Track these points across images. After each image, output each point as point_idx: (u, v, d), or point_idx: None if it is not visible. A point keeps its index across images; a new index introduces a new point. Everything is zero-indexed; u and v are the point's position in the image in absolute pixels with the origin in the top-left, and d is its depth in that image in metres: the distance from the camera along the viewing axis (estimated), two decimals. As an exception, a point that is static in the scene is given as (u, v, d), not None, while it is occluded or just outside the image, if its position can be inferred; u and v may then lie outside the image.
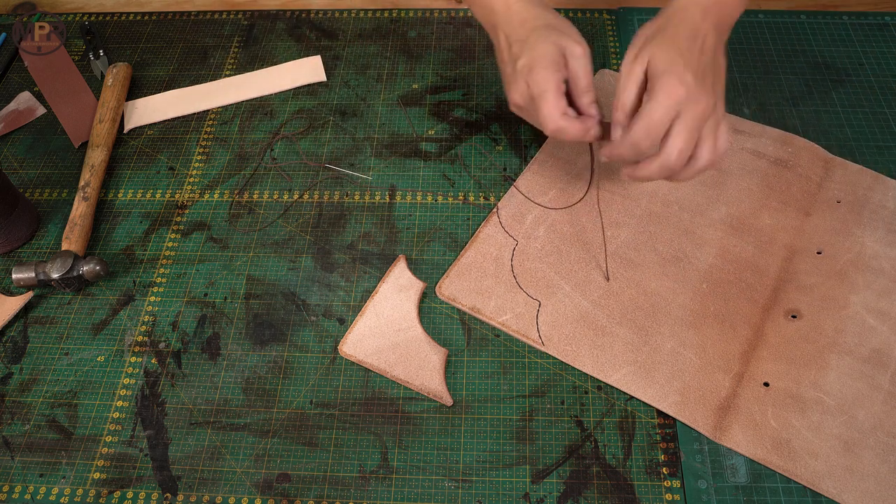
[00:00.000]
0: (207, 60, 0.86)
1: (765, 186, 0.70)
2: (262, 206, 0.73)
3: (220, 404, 0.60)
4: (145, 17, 0.92)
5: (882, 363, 0.59)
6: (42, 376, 0.63)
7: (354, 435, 0.58)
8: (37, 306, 0.67)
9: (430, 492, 0.55)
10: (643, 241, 0.67)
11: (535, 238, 0.68)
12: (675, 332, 0.61)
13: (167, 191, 0.75)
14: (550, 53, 0.57)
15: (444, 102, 0.80)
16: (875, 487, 0.53)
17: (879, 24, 0.86)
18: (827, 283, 0.63)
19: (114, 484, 0.57)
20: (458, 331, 0.63)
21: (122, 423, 0.60)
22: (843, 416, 0.57)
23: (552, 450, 0.57)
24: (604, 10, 0.89)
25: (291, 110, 0.81)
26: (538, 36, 0.58)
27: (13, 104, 0.83)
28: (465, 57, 0.85)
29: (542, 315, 0.63)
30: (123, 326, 0.65)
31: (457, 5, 0.90)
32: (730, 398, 0.58)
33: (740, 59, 0.83)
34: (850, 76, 0.81)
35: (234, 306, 0.66)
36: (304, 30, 0.89)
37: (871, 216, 0.68)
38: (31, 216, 0.71)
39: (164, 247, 0.70)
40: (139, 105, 0.82)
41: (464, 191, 0.73)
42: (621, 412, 0.59)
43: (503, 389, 0.60)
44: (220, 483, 0.56)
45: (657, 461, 0.56)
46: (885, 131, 0.75)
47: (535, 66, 0.57)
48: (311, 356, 0.62)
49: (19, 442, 0.59)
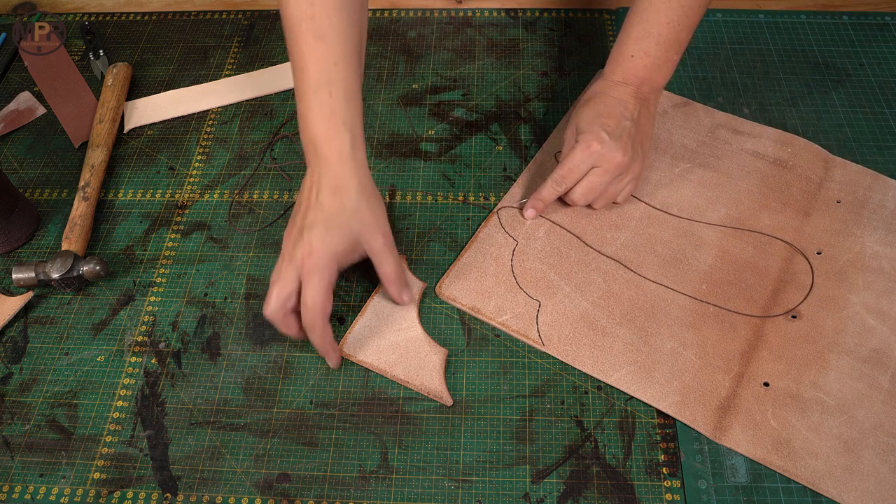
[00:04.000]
0: (207, 60, 0.86)
1: (764, 187, 0.70)
2: (262, 206, 0.73)
3: (220, 404, 0.60)
4: (145, 17, 0.92)
5: (882, 363, 0.59)
6: (42, 376, 0.63)
7: (354, 435, 0.58)
8: (37, 306, 0.67)
9: (430, 492, 0.55)
10: (642, 243, 0.67)
11: (535, 238, 0.68)
12: (675, 333, 0.61)
13: (167, 191, 0.75)
14: (340, 246, 0.56)
15: (444, 102, 0.80)
16: (875, 487, 0.53)
17: (879, 24, 0.86)
18: (827, 284, 0.64)
19: (114, 484, 0.57)
20: (458, 331, 0.63)
21: (122, 423, 0.60)
22: (843, 416, 0.57)
23: (552, 450, 0.57)
24: (604, 11, 0.89)
25: (291, 110, 0.81)
26: (338, 221, 0.56)
27: (13, 104, 0.83)
28: (465, 57, 0.85)
29: (542, 315, 0.63)
30: (123, 326, 0.65)
31: (457, 5, 0.90)
32: (730, 398, 0.58)
33: (740, 59, 0.83)
34: (850, 76, 0.81)
35: (234, 306, 0.66)
36: (304, 30, 0.89)
37: (870, 216, 0.68)
38: (31, 216, 0.71)
39: (164, 247, 0.70)
40: (139, 105, 0.82)
41: (464, 191, 0.73)
42: (621, 412, 0.59)
43: (503, 389, 0.60)
44: (220, 483, 0.56)
45: (657, 461, 0.56)
46: (885, 131, 0.75)
47: (319, 255, 0.55)
48: (311, 356, 0.62)
49: (19, 442, 0.59)
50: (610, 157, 0.63)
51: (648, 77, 0.66)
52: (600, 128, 0.63)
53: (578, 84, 0.81)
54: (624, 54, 0.66)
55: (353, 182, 0.56)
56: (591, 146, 0.63)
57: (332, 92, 0.56)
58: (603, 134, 0.63)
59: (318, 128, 0.56)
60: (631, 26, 0.66)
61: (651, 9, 0.65)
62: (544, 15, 0.89)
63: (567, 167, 0.64)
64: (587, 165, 0.64)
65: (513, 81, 0.82)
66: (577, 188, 0.65)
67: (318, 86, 0.56)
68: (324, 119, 0.56)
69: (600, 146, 0.62)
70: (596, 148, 0.63)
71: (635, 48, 0.66)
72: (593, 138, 0.63)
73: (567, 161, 0.64)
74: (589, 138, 0.63)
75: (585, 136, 0.63)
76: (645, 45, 0.65)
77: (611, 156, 0.63)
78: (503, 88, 0.81)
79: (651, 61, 0.65)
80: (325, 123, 0.56)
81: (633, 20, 0.66)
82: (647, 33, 0.65)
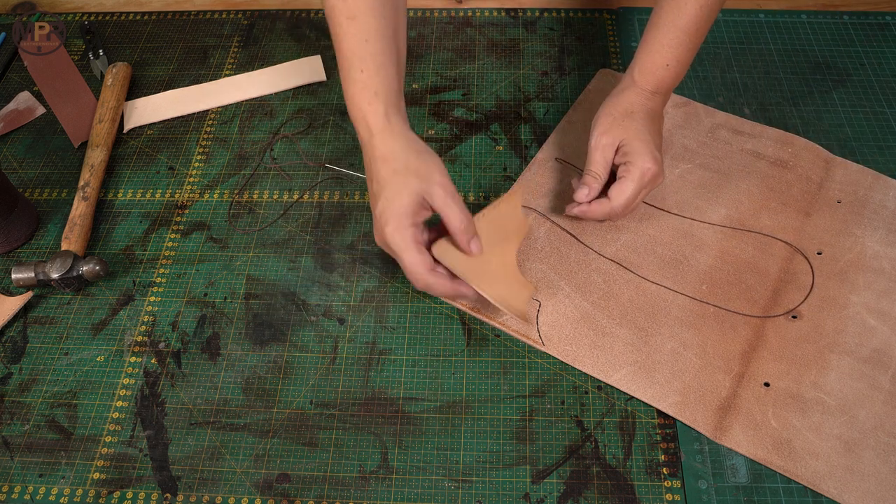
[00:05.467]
0: (207, 60, 0.86)
1: (765, 187, 0.70)
2: (262, 206, 0.73)
3: (220, 404, 0.60)
4: (145, 16, 0.92)
5: (882, 363, 0.59)
6: (42, 376, 0.63)
7: (354, 435, 0.58)
8: (36, 306, 0.67)
9: (430, 492, 0.55)
10: (643, 244, 0.67)
11: (535, 238, 0.68)
12: (675, 333, 0.61)
13: (167, 191, 0.74)
14: (405, 207, 0.55)
15: (444, 102, 0.80)
16: (876, 488, 0.53)
17: (880, 23, 0.86)
18: (827, 284, 0.63)
19: (113, 484, 0.57)
20: (458, 331, 0.63)
21: (121, 423, 0.60)
22: (843, 417, 0.56)
23: (552, 450, 0.57)
24: (604, 10, 0.89)
25: (291, 110, 0.81)
26: (395, 184, 0.55)
27: (13, 104, 0.83)
28: (465, 57, 0.85)
29: (543, 315, 0.63)
30: (123, 326, 0.65)
31: (457, 5, 0.90)
32: (730, 398, 0.58)
33: (740, 59, 0.83)
34: (850, 76, 0.81)
35: (234, 306, 0.66)
36: (304, 29, 0.89)
37: (871, 216, 0.68)
38: (31, 216, 0.71)
39: (163, 247, 0.70)
40: (139, 105, 0.82)
41: (464, 191, 0.73)
42: (621, 412, 0.58)
43: (503, 389, 0.60)
44: (219, 483, 0.56)
45: (657, 461, 0.56)
46: (886, 131, 0.75)
47: (388, 221, 0.55)
48: (311, 356, 0.62)
49: (19, 442, 0.59)
50: (657, 180, 0.63)
51: (674, 85, 0.66)
52: (652, 154, 0.62)
53: (578, 84, 0.81)
54: (657, 63, 0.64)
55: (395, 147, 0.57)
56: (647, 175, 0.62)
57: (363, 68, 0.57)
58: (656, 157, 0.62)
59: (356, 104, 0.58)
60: (663, 32, 0.64)
61: (681, 14, 0.63)
62: (544, 15, 0.89)
63: (629, 199, 0.62)
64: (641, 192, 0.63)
65: (513, 81, 0.82)
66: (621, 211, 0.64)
67: (352, 63, 0.58)
68: (359, 94, 0.58)
69: (657, 169, 0.62)
70: (650, 177, 0.62)
71: (670, 56, 0.64)
72: (650, 166, 0.61)
73: (628, 192, 0.62)
74: (646, 166, 0.61)
75: (643, 158, 0.61)
76: (678, 53, 0.64)
77: (659, 179, 0.63)
78: (503, 88, 0.81)
79: (681, 69, 0.65)
80: (361, 99, 0.57)
81: (663, 24, 0.64)
82: (679, 41, 0.63)
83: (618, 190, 0.62)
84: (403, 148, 0.57)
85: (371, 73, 0.57)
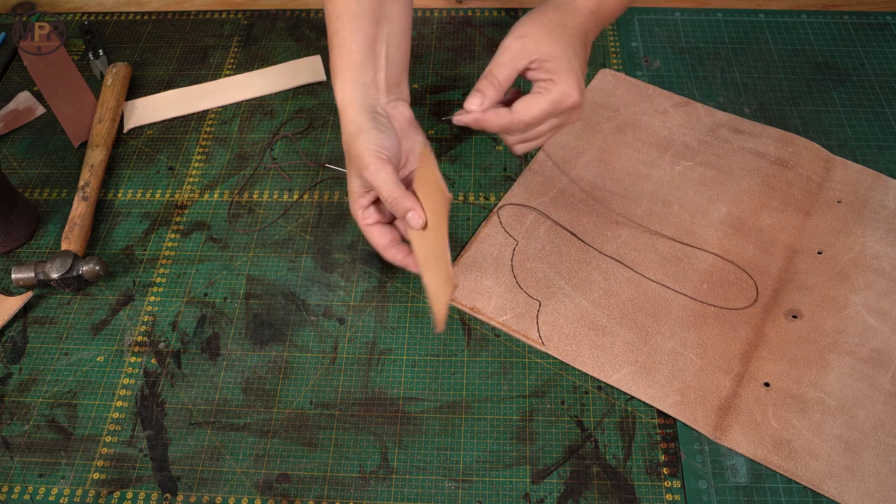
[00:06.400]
0: (207, 60, 0.86)
1: (765, 186, 0.70)
2: (262, 206, 0.73)
3: (220, 404, 0.60)
4: (145, 16, 0.92)
5: (883, 363, 0.59)
6: (41, 376, 0.62)
7: (354, 435, 0.58)
8: (36, 306, 0.67)
9: (430, 492, 0.55)
10: (643, 242, 0.67)
11: (535, 238, 0.68)
12: (675, 333, 0.61)
13: (167, 191, 0.74)
14: (354, 192, 0.59)
15: (444, 102, 0.80)
16: (876, 488, 0.53)
17: (880, 23, 0.86)
18: (827, 284, 0.63)
19: (113, 484, 0.57)
20: (458, 331, 0.63)
21: (121, 423, 0.60)
22: (843, 417, 0.56)
23: (552, 450, 0.57)
24: (604, 10, 0.89)
25: (291, 110, 0.81)
26: (349, 162, 0.58)
27: (12, 104, 0.83)
28: (465, 57, 0.85)
29: (543, 315, 0.63)
30: (123, 326, 0.65)
31: (457, 5, 0.90)
32: (730, 398, 0.58)
33: (740, 59, 0.83)
34: (850, 76, 0.81)
35: (234, 306, 0.66)
36: (304, 29, 0.89)
37: (871, 216, 0.68)
38: (31, 216, 0.71)
39: (163, 247, 0.70)
40: (139, 105, 0.82)
41: (464, 191, 0.73)
42: (621, 412, 0.58)
43: (503, 389, 0.60)
44: (219, 483, 0.56)
45: (657, 461, 0.56)
46: (886, 131, 0.75)
47: (351, 205, 0.60)
48: (311, 356, 0.62)
49: (19, 442, 0.59)
50: (574, 115, 0.55)
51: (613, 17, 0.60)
52: (578, 81, 0.53)
53: (579, 84, 0.81)
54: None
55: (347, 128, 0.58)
56: (566, 101, 0.53)
57: (332, 45, 0.60)
58: (582, 87, 0.53)
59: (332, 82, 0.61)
60: None
61: None
62: (544, 14, 0.89)
63: (534, 117, 0.53)
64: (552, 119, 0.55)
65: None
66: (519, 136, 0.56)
67: (328, 41, 0.60)
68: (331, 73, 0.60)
69: (578, 98, 0.53)
70: (569, 105, 0.53)
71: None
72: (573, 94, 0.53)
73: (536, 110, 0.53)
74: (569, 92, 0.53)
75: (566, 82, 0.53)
76: None
77: (576, 114, 0.55)
78: (503, 88, 0.81)
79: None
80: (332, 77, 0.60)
81: None
82: None
83: (526, 103, 0.53)
84: (347, 132, 0.58)
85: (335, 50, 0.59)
